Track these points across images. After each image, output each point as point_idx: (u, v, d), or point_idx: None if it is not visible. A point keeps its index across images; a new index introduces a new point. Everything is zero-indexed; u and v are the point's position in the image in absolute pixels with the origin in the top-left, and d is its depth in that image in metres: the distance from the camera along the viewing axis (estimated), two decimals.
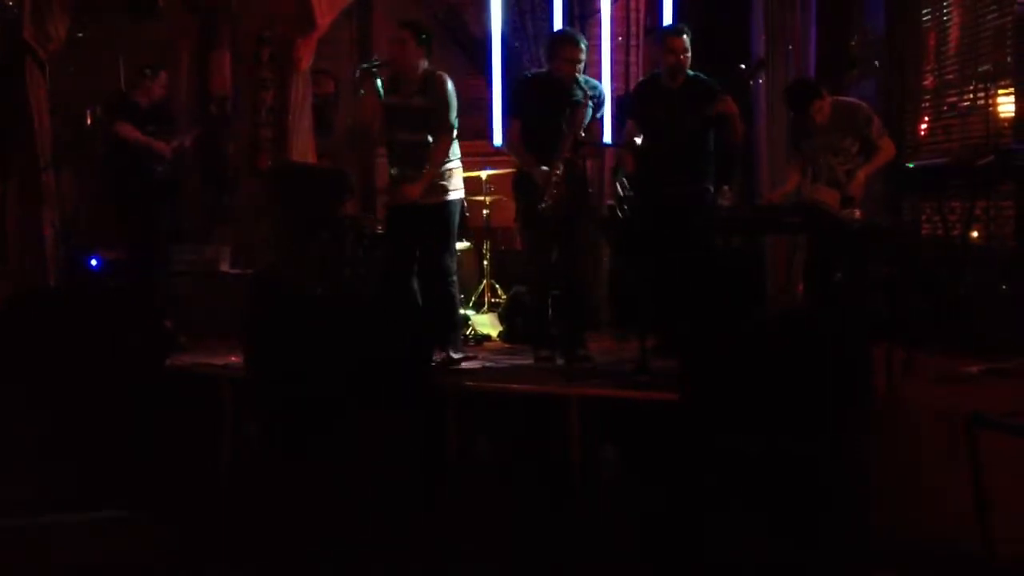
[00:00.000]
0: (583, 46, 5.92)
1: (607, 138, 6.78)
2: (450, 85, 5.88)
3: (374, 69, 5.94)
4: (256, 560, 4.49)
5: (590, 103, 5.90)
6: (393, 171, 6.07)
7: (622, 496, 4.83)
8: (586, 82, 5.97)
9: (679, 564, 4.34)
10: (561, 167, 5.80)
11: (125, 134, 7.12)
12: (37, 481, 5.21)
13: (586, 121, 5.93)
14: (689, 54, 6.12)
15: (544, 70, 6.14)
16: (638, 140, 6.11)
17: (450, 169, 5.98)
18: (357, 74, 6.56)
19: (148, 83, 7.32)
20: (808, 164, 6.12)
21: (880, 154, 5.94)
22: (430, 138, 5.88)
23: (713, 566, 4.24)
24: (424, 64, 5.93)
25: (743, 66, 6.15)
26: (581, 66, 5.90)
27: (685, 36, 6.13)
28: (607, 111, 7.08)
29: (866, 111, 6.03)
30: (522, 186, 6.08)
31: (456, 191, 6.02)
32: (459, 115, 5.97)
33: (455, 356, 5.98)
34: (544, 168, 5.83)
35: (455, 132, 5.95)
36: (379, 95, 5.92)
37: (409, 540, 4.60)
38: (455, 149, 6.01)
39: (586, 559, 4.47)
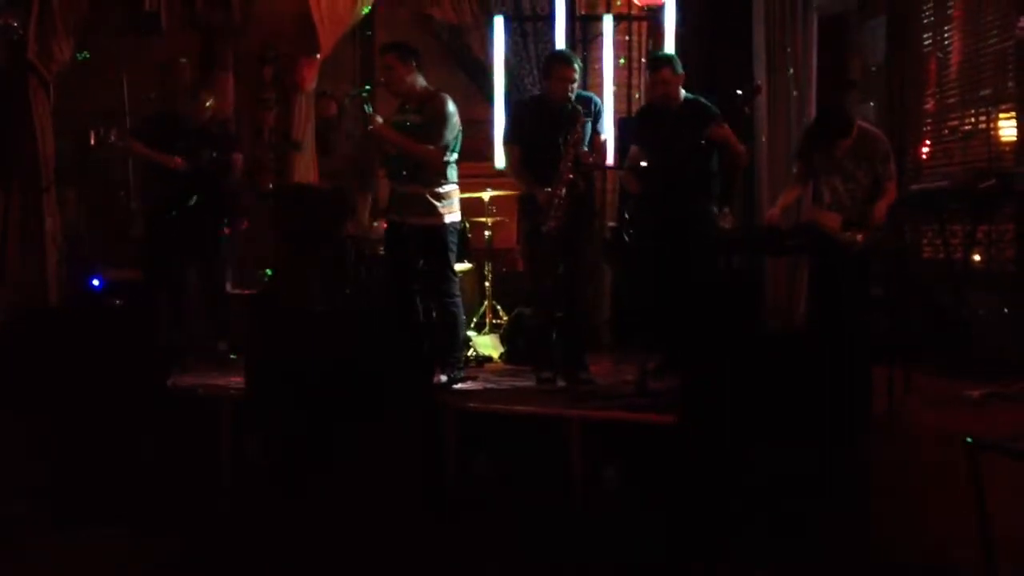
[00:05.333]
0: (576, 65, 5.92)
1: (610, 160, 6.76)
2: (449, 105, 5.89)
3: (363, 95, 5.98)
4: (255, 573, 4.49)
5: (587, 119, 5.86)
6: (392, 186, 6.10)
7: (623, 515, 4.82)
8: (579, 97, 5.93)
9: None
10: (563, 189, 5.80)
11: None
12: (35, 497, 5.22)
13: (586, 137, 5.91)
14: (677, 81, 6.13)
15: (539, 93, 6.15)
16: (643, 163, 6.11)
17: (447, 192, 5.97)
18: (347, 101, 6.56)
19: (195, 103, 7.01)
20: (813, 179, 6.05)
21: (885, 197, 5.88)
22: None
23: None
24: (420, 81, 5.98)
25: (739, 92, 6.12)
26: (575, 85, 5.89)
27: (668, 67, 6.14)
28: (610, 134, 7.09)
29: (886, 148, 5.95)
30: (527, 206, 6.08)
31: (452, 214, 6.01)
32: (461, 137, 5.98)
33: (454, 377, 5.97)
34: (547, 190, 5.83)
35: (450, 152, 5.92)
36: (364, 121, 5.94)
37: (409, 555, 4.59)
38: (452, 172, 6.00)
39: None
